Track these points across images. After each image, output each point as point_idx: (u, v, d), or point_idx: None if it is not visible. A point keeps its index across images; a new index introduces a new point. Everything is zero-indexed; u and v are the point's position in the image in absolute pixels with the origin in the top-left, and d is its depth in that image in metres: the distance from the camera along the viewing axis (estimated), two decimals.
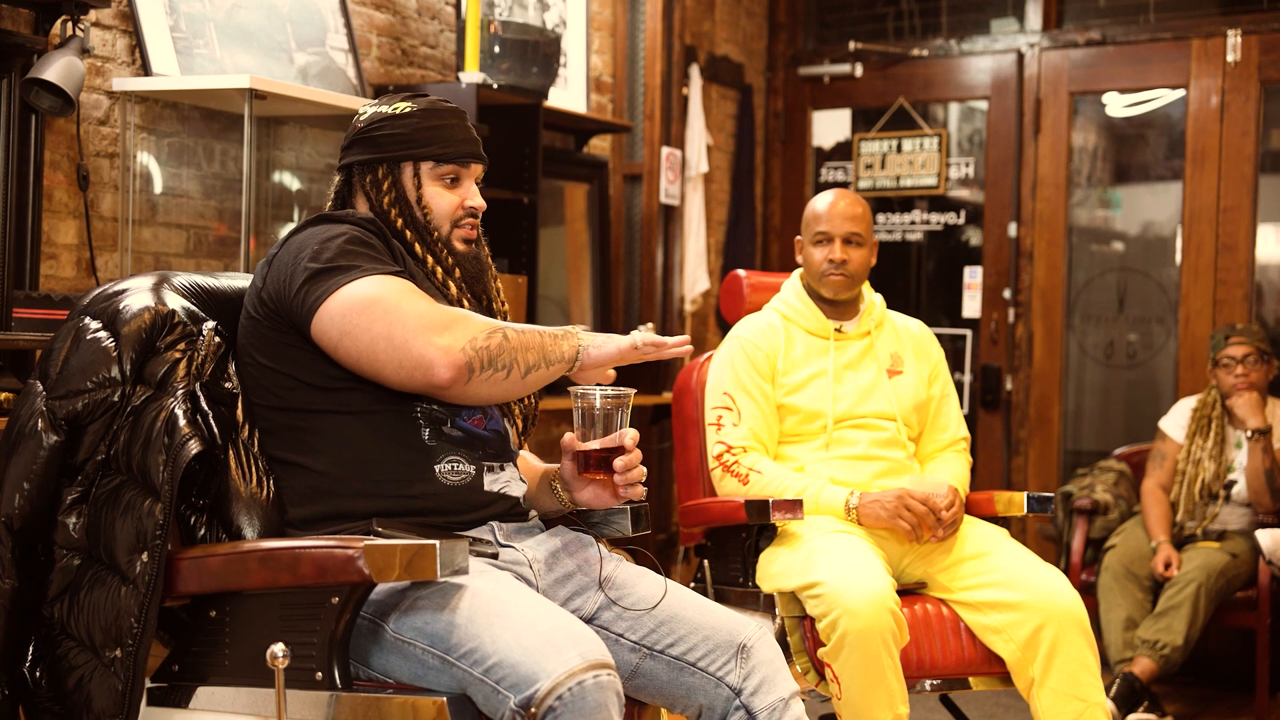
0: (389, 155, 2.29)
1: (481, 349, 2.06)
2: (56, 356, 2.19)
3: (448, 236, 2.31)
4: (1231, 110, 5.45)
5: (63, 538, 2.15)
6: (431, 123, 2.30)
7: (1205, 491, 4.65)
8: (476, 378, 2.06)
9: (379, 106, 2.33)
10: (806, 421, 3.34)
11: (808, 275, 3.45)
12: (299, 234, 2.20)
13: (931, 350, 3.52)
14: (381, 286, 2.10)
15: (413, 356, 2.06)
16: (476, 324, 2.09)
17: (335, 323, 2.09)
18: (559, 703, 1.88)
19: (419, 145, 2.29)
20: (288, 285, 2.14)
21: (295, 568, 2.00)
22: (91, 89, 3.48)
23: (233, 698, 2.08)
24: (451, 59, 4.64)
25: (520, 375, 2.09)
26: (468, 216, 2.33)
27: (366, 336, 2.08)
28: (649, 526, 2.49)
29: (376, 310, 2.07)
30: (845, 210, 3.40)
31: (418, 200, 2.29)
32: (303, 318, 2.12)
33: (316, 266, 2.12)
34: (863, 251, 3.40)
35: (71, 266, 3.45)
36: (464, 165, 2.32)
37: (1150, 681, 4.34)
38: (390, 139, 2.29)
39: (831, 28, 6.34)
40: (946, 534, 3.22)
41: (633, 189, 5.50)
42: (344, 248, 2.14)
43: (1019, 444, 5.84)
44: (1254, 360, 4.62)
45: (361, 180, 2.32)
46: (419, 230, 2.29)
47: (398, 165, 2.30)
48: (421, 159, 2.29)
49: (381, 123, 2.30)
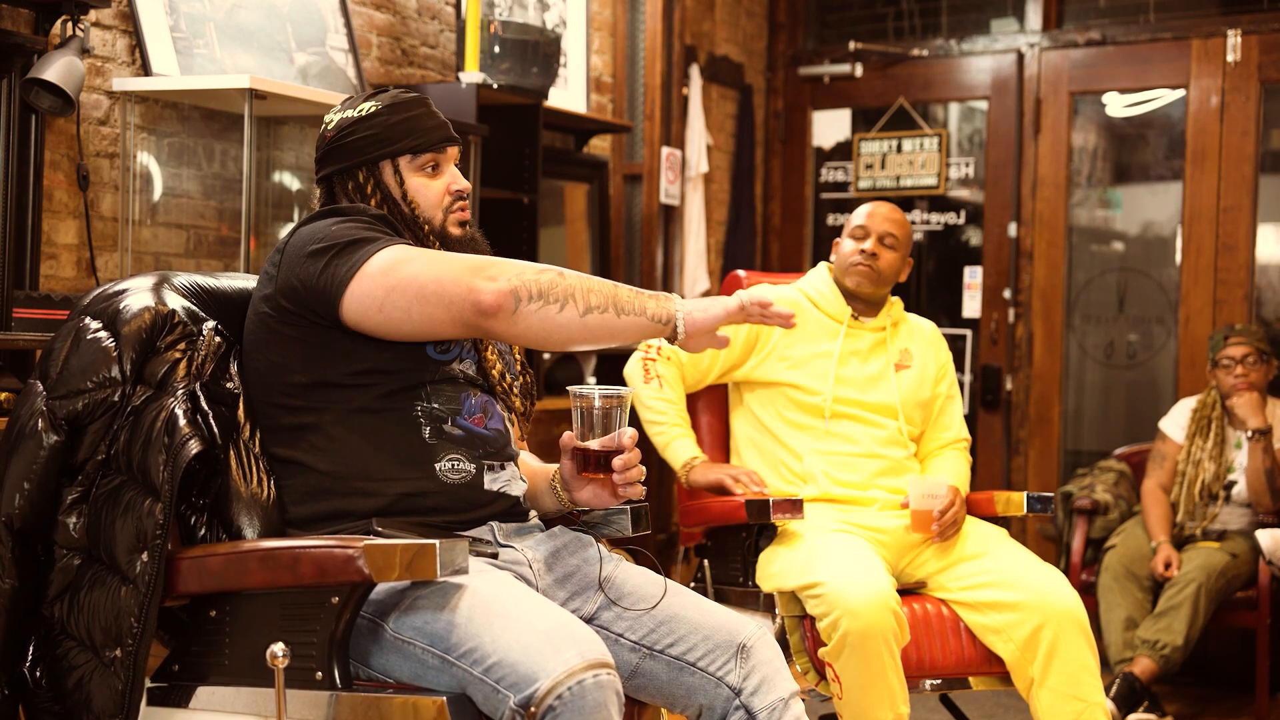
0: (366, 158, 2.28)
1: (530, 281, 2.03)
2: (57, 356, 2.19)
3: (441, 225, 2.30)
4: (1231, 110, 5.45)
5: (63, 538, 2.15)
6: (399, 116, 2.29)
7: (1205, 492, 4.65)
8: (524, 307, 2.02)
9: (343, 112, 2.31)
10: (807, 397, 3.34)
11: (837, 268, 3.49)
12: (307, 225, 2.19)
13: (940, 351, 3.54)
14: (410, 250, 2.11)
15: (462, 289, 2.03)
16: (526, 265, 2.07)
17: (377, 284, 2.07)
18: (559, 702, 1.88)
19: (393, 141, 2.27)
20: (309, 270, 2.12)
21: (295, 567, 2.00)
22: (91, 89, 3.48)
23: (233, 697, 2.08)
24: (451, 59, 4.64)
25: (578, 313, 2.05)
26: (456, 201, 2.32)
27: (414, 285, 2.06)
28: (649, 526, 2.49)
29: (416, 264, 2.07)
30: (886, 214, 3.48)
31: (403, 196, 2.28)
32: (333, 295, 2.10)
33: (339, 244, 2.11)
34: (895, 256, 3.43)
35: (71, 266, 3.45)
36: (441, 151, 2.31)
37: (1150, 681, 4.34)
38: (363, 142, 2.28)
39: (831, 28, 6.34)
40: (948, 534, 3.22)
41: (633, 189, 5.50)
42: (360, 227, 2.14)
43: (1019, 444, 5.84)
44: (1254, 360, 4.63)
45: (344, 189, 2.30)
46: (410, 226, 2.28)
47: (376, 166, 2.28)
48: (399, 154, 2.28)
49: (351, 128, 2.29)
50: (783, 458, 3.38)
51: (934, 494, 3.22)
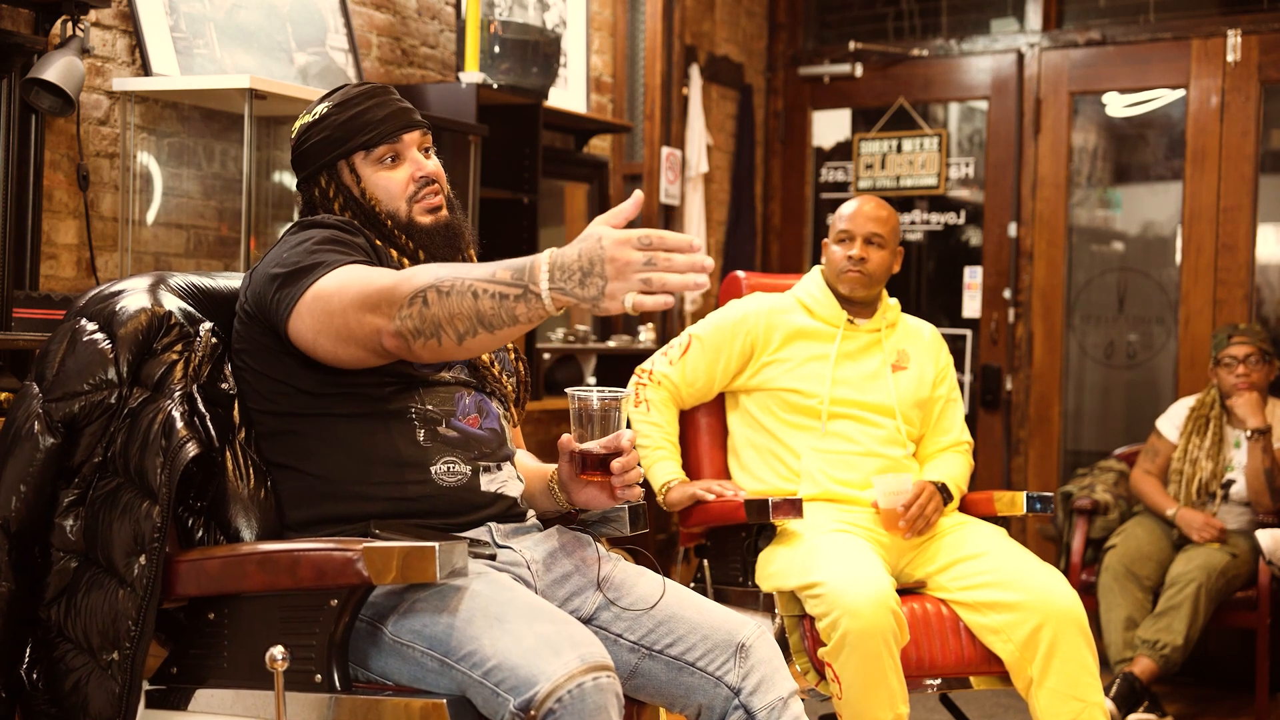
0: (323, 162, 2.26)
1: (407, 317, 1.92)
2: (52, 358, 2.19)
3: (408, 217, 2.25)
4: (1231, 110, 5.45)
5: (60, 540, 2.14)
6: (349, 113, 2.25)
7: (1203, 490, 4.65)
8: (416, 344, 1.94)
9: (302, 118, 2.30)
10: (804, 400, 3.35)
11: (828, 273, 3.49)
12: (279, 241, 2.20)
13: (940, 354, 3.54)
14: (338, 278, 2.03)
15: (366, 333, 1.97)
16: (402, 292, 1.92)
17: (307, 325, 2.04)
18: (558, 705, 1.87)
19: (343, 141, 2.24)
20: (264, 294, 2.12)
21: (294, 570, 2.00)
22: (91, 89, 3.48)
23: (231, 700, 2.08)
24: (451, 59, 4.63)
25: (455, 342, 1.91)
26: (423, 187, 2.26)
27: (332, 327, 2.01)
28: (647, 526, 2.49)
29: (334, 303, 2.00)
30: (870, 212, 3.45)
31: (362, 195, 2.25)
32: (280, 326, 2.09)
33: (284, 272, 2.08)
34: (884, 254, 3.43)
35: (71, 266, 3.45)
36: (395, 140, 2.25)
37: (1150, 681, 4.34)
38: (318, 146, 2.26)
39: (831, 28, 6.34)
40: (919, 529, 3.22)
41: (633, 189, 5.49)
42: (311, 249, 2.10)
43: (1019, 444, 5.84)
44: (1256, 360, 4.63)
45: (311, 196, 2.30)
46: (374, 222, 2.25)
47: (334, 168, 2.26)
48: (351, 153, 2.25)
49: (306, 134, 2.28)
50: (781, 455, 3.38)
51: (898, 490, 3.23)
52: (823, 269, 3.52)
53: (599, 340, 5.17)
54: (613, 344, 5.09)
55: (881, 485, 3.24)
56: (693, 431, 3.53)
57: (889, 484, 3.24)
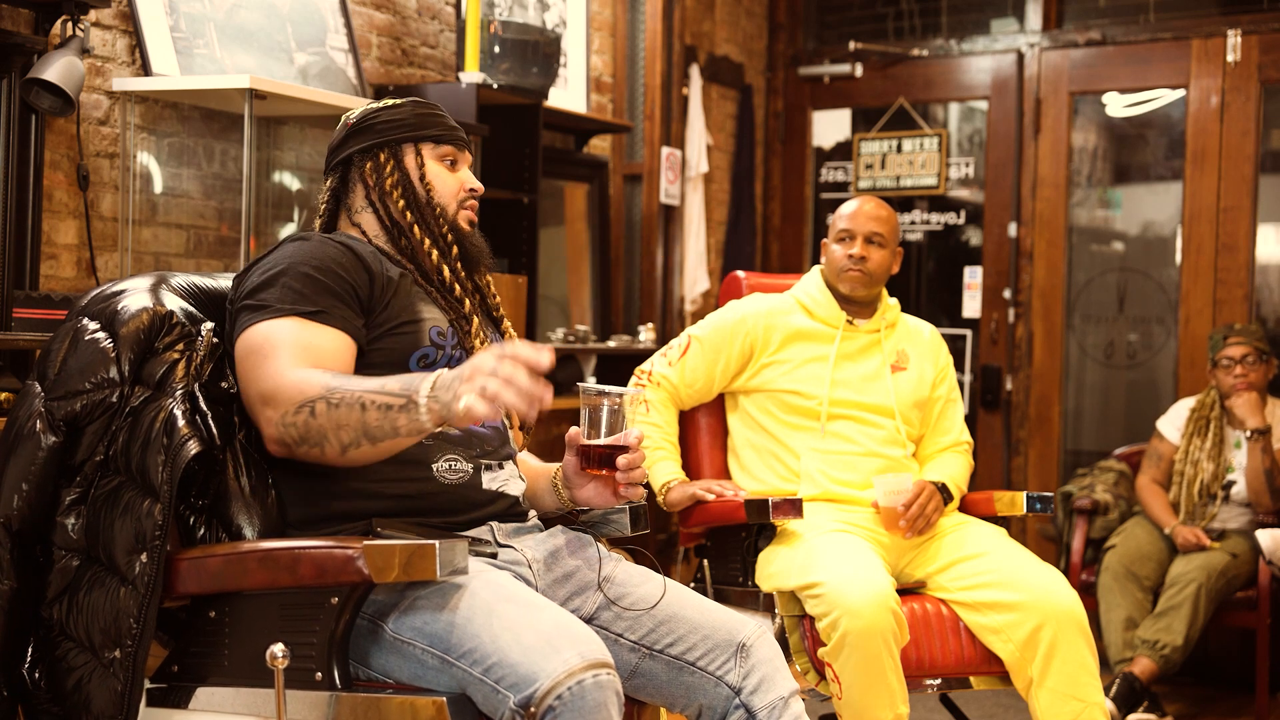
0: (390, 139, 2.34)
1: (290, 424, 2.04)
2: (54, 357, 2.19)
3: (454, 216, 2.36)
4: (1231, 110, 5.45)
5: (61, 539, 2.14)
6: (424, 110, 2.38)
7: (1204, 492, 4.65)
8: (298, 450, 2.06)
9: (368, 106, 2.40)
10: (803, 401, 3.35)
11: (828, 272, 3.49)
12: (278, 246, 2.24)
13: (940, 354, 3.54)
14: (268, 334, 2.12)
15: (257, 417, 2.11)
16: (292, 397, 2.02)
17: (238, 364, 2.16)
18: (558, 702, 1.88)
19: (418, 128, 2.36)
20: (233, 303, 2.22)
21: (295, 568, 2.00)
22: (91, 89, 3.48)
23: (232, 698, 2.08)
24: (451, 59, 4.64)
25: (338, 452, 2.02)
26: (470, 199, 2.39)
27: (242, 386, 2.14)
28: (648, 526, 2.49)
29: (248, 364, 2.12)
30: (871, 211, 3.45)
31: (421, 179, 2.34)
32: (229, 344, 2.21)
33: (242, 301, 2.17)
34: (884, 253, 3.43)
35: (71, 266, 3.45)
36: (460, 149, 2.39)
37: (1150, 681, 4.34)
38: (389, 125, 2.35)
39: (831, 28, 6.34)
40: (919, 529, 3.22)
41: (633, 189, 5.50)
42: (271, 280, 2.16)
43: (1019, 444, 5.84)
44: (1253, 360, 4.63)
45: (361, 169, 2.34)
46: (421, 209, 2.33)
47: (399, 147, 2.35)
48: (422, 140, 2.36)
49: (377, 113, 2.37)
50: (781, 456, 3.38)
51: (898, 490, 3.23)
52: (822, 269, 3.53)
53: (599, 340, 5.18)
54: (613, 344, 5.09)
55: (882, 485, 3.24)
56: (693, 432, 3.54)
57: (889, 483, 3.24)
